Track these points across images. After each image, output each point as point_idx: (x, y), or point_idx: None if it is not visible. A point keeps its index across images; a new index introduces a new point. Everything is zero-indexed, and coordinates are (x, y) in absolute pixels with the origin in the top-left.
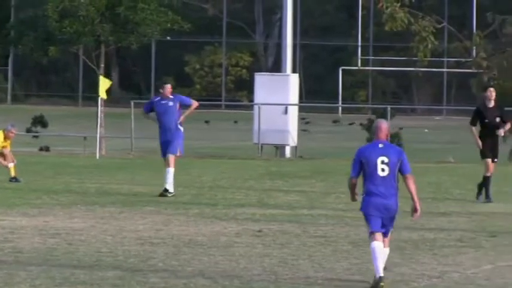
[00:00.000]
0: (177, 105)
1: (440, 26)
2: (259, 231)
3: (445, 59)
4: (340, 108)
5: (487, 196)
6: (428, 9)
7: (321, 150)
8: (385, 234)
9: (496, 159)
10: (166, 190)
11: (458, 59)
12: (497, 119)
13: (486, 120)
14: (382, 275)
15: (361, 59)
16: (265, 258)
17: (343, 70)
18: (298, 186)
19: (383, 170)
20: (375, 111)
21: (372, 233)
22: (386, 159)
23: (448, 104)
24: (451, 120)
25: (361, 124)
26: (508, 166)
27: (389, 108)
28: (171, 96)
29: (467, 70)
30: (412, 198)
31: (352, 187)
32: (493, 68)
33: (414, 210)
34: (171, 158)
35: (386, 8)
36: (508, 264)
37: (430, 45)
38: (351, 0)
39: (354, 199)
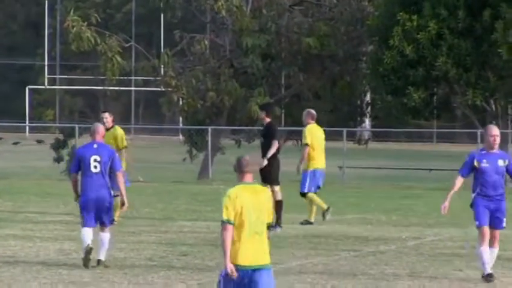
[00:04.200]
0: None
1: (127, 45)
2: None
3: (133, 78)
4: (27, 127)
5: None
6: (115, 28)
7: (8, 170)
8: (103, 224)
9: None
10: None
11: (147, 78)
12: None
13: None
14: None
15: (48, 77)
16: None
17: (30, 89)
18: None
19: (95, 167)
20: (63, 130)
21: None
22: (98, 158)
23: (136, 123)
24: (139, 139)
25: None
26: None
27: (77, 127)
28: None
29: (155, 89)
30: (121, 193)
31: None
32: (182, 86)
33: (122, 203)
34: None
35: (73, 27)
36: (199, 282)
37: (116, 65)
38: (37, 19)
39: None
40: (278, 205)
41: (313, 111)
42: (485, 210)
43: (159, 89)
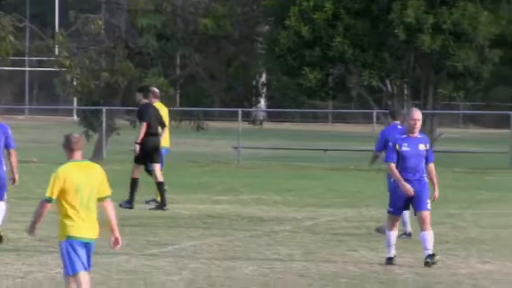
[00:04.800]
0: None
1: (21, 25)
2: None
3: (26, 58)
4: None
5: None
6: (9, 8)
7: None
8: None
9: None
10: None
11: (41, 58)
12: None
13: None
14: None
15: None
16: None
17: None
18: None
19: None
20: None
21: None
22: None
23: (31, 104)
24: (34, 119)
25: None
26: None
27: None
28: None
29: (50, 69)
30: (12, 171)
31: None
32: (76, 66)
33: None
34: None
35: None
36: None
37: (9, 45)
38: None
39: None
40: (158, 187)
41: (156, 90)
42: (401, 198)
43: (53, 69)
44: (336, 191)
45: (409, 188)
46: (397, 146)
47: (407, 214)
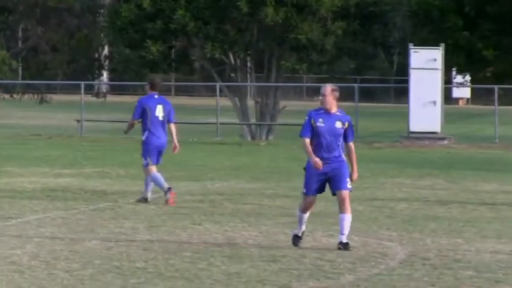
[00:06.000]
0: None
1: None
2: None
3: None
4: None
5: None
6: None
7: None
8: None
9: None
10: None
11: None
12: None
13: None
14: None
15: None
16: None
17: None
18: None
19: None
20: None
21: None
22: None
23: None
24: None
25: None
26: None
27: None
28: None
29: None
30: None
31: None
32: None
33: None
34: None
35: None
36: None
37: None
38: None
39: None
40: None
41: None
42: (315, 178)
43: None
44: (179, 164)
45: (317, 161)
46: (312, 121)
47: (156, 181)
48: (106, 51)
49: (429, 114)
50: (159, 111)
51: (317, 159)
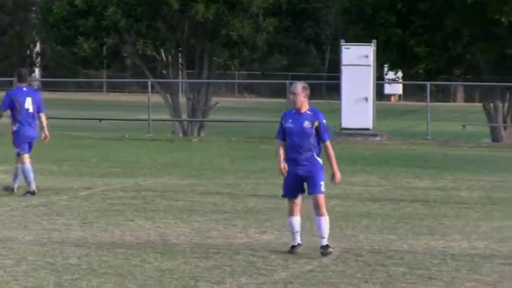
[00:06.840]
0: None
1: None
2: None
3: None
4: None
5: None
6: None
7: None
8: None
9: None
10: None
11: None
12: None
13: None
14: None
15: None
16: None
17: None
18: None
19: None
20: None
21: None
22: None
23: None
24: None
25: None
26: None
27: None
28: None
29: None
30: None
31: None
32: None
33: None
34: None
35: None
36: None
37: None
38: None
39: None
40: None
41: None
42: (291, 180)
43: None
44: (111, 161)
45: (280, 169)
46: (283, 122)
47: (26, 173)
48: (38, 48)
49: (361, 111)
50: (29, 104)
51: (281, 166)
